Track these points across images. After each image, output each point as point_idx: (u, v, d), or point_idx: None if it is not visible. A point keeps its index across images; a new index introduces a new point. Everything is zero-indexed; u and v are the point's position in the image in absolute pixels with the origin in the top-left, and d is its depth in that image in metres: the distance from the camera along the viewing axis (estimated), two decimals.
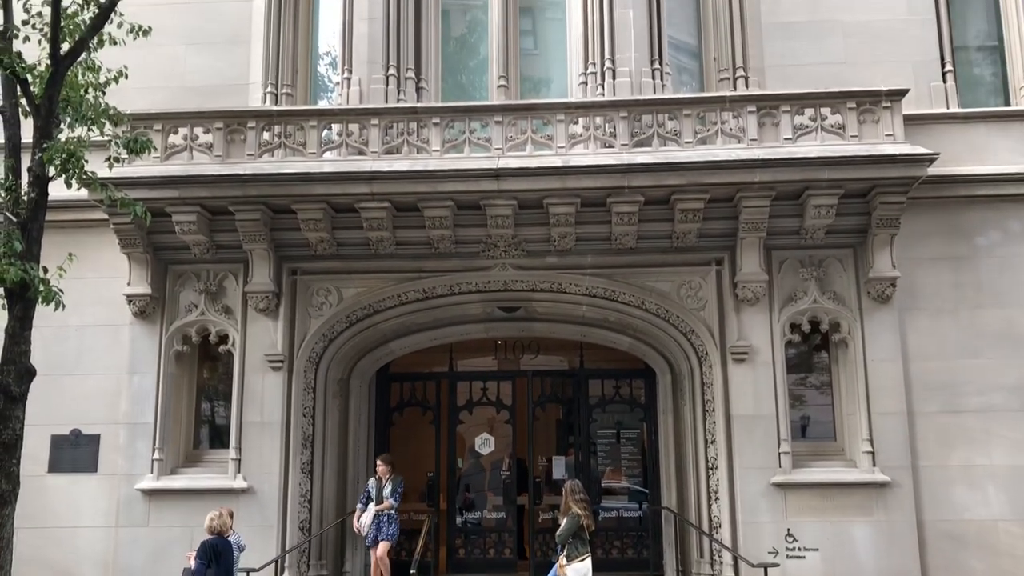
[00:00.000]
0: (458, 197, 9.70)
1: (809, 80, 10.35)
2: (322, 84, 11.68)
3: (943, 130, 10.31)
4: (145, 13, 9.07)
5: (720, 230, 10.04)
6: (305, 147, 9.84)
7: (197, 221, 9.81)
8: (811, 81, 10.29)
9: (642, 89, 10.41)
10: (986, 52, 11.41)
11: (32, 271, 6.96)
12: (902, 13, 10.91)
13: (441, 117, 9.93)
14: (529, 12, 11.84)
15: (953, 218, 10.24)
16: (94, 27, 7.74)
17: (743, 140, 9.72)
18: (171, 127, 9.92)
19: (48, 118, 7.52)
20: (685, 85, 11.25)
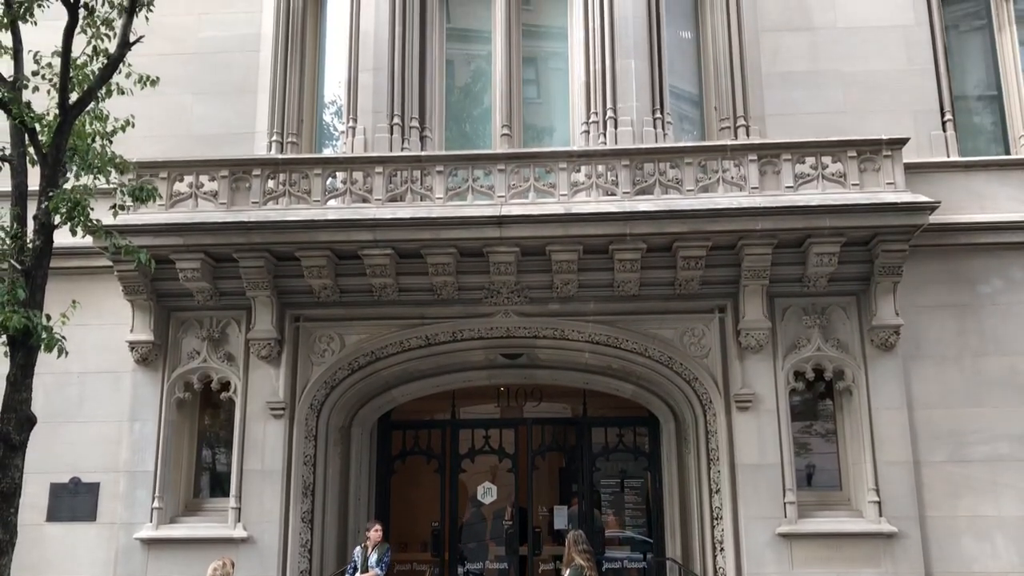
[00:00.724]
0: (461, 244, 9.74)
1: (810, 129, 10.45)
2: (327, 133, 11.81)
3: (944, 178, 10.37)
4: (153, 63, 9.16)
5: (723, 277, 10.04)
6: (310, 195, 9.91)
7: (201, 268, 9.85)
8: (812, 130, 10.39)
9: (644, 138, 10.50)
10: (985, 101, 11.51)
11: (35, 318, 6.96)
12: (901, 63, 11.03)
13: (444, 165, 10.00)
14: (532, 62, 12.00)
15: (955, 266, 10.25)
16: (103, 78, 7.83)
17: (745, 188, 9.77)
18: (177, 175, 10.01)
19: (55, 167, 7.58)
20: (687, 133, 11.35)
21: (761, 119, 10.90)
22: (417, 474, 12.41)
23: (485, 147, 11.19)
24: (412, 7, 11.26)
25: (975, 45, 11.71)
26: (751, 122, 10.86)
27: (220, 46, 11.38)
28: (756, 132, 10.78)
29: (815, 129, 10.39)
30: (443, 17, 11.88)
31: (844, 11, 11.19)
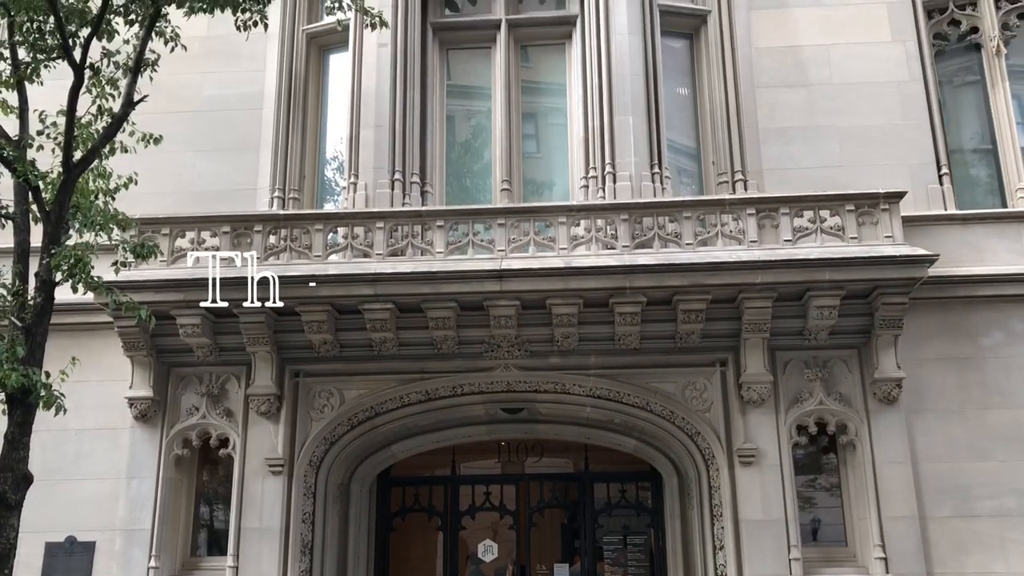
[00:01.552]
0: (461, 298, 9.75)
1: (807, 182, 10.52)
2: (329, 188, 11.91)
3: (942, 231, 10.42)
4: (157, 121, 9.32)
5: (723, 331, 10.03)
6: (311, 250, 9.95)
7: (201, 324, 9.85)
8: (809, 183, 10.46)
9: (642, 192, 10.57)
10: (981, 154, 11.62)
11: (34, 376, 6.94)
12: (896, 118, 11.14)
13: (445, 220, 10.06)
14: (532, 117, 12.15)
15: (956, 318, 10.23)
16: (106, 136, 7.94)
17: (743, 242, 9.81)
18: (179, 231, 10.06)
19: (58, 224, 7.63)
20: (685, 186, 11.43)
21: (759, 173, 10.98)
22: (417, 531, 12.26)
23: (485, 201, 11.27)
24: (413, 65, 11.43)
25: (969, 99, 11.86)
26: (749, 176, 10.95)
27: (223, 104, 11.53)
28: (754, 186, 10.86)
29: (813, 183, 10.46)
30: (444, 74, 12.06)
31: (839, 68, 11.34)
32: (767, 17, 11.61)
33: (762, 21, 11.60)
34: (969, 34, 11.86)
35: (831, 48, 11.41)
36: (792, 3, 11.65)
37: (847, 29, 11.46)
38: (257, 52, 11.32)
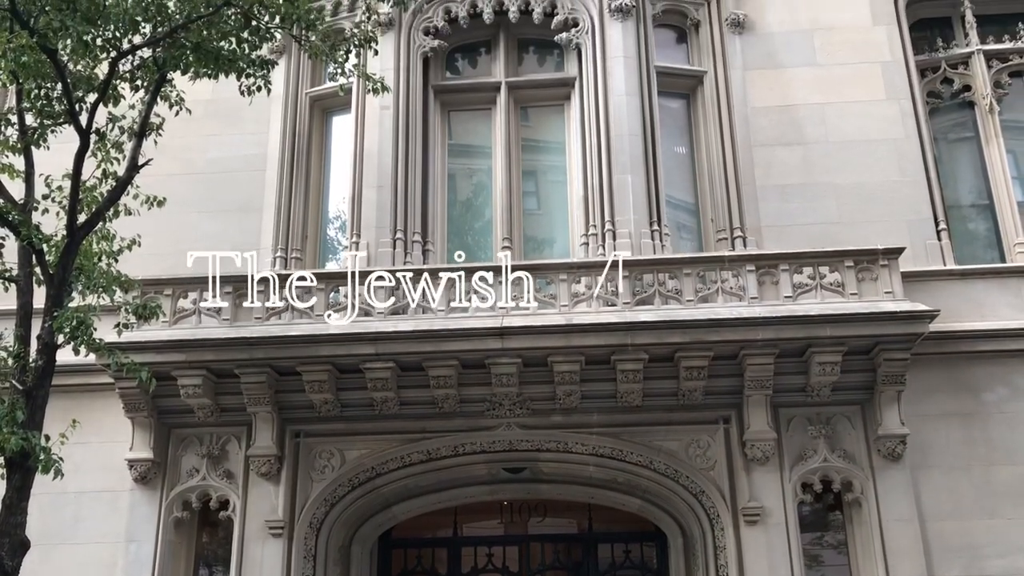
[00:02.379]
0: (463, 356, 9.74)
1: (806, 239, 10.59)
2: (331, 247, 11.99)
3: (942, 287, 10.43)
4: (160, 183, 9.46)
5: (726, 387, 9.99)
6: (312, 310, 9.97)
7: (203, 385, 9.83)
8: (808, 240, 10.52)
9: (642, 249, 10.63)
10: (978, 209, 11.71)
11: (34, 439, 6.92)
12: (893, 174, 11.24)
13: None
14: (532, 175, 12.28)
15: (959, 374, 10.19)
16: (111, 200, 8.04)
17: (744, 298, 9.83)
18: (181, 292, 10.10)
19: (61, 287, 7.68)
20: (685, 241, 11.51)
21: (757, 230, 11.05)
22: None
23: (487, 259, 11.32)
24: (415, 125, 11.60)
25: (965, 155, 12.00)
26: (748, 233, 11.02)
27: (226, 166, 11.65)
28: (753, 243, 10.93)
29: (811, 239, 10.52)
30: (445, 134, 12.23)
31: (835, 126, 11.48)
32: (762, 77, 11.80)
33: (757, 81, 11.79)
34: (962, 92, 12.04)
35: (826, 107, 11.56)
36: (786, 63, 11.84)
37: (842, 88, 11.63)
38: (261, 115, 11.45)
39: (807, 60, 11.86)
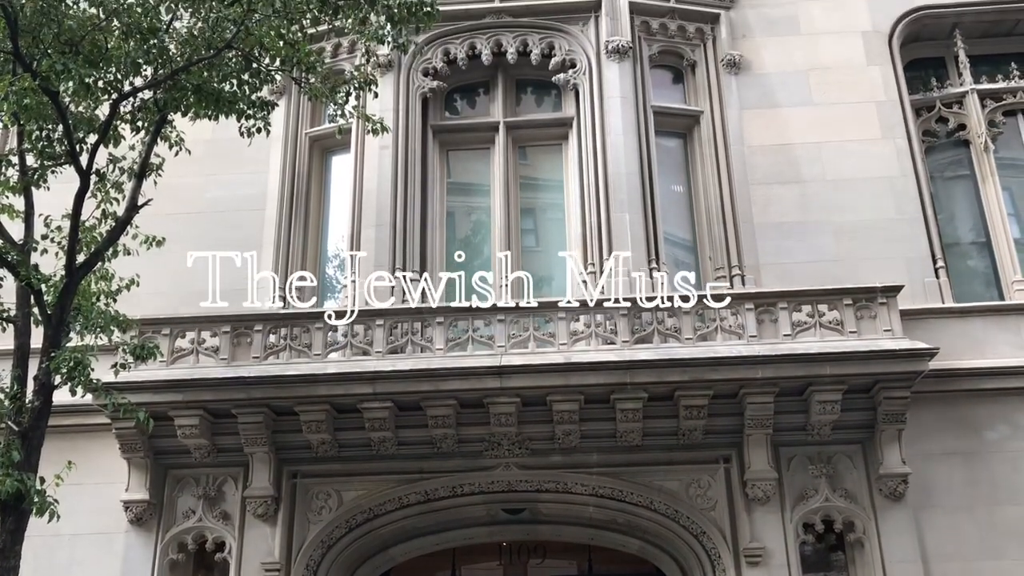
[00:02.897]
0: (461, 395, 9.70)
1: (804, 277, 10.59)
2: (330, 286, 11.98)
3: (941, 324, 10.42)
4: (160, 222, 9.46)
5: (726, 426, 9.94)
6: (310, 349, 9.95)
7: (200, 425, 9.77)
8: (806, 278, 10.53)
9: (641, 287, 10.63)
10: (976, 247, 11.74)
11: (29, 481, 6.87)
12: (890, 212, 11.27)
13: (445, 316, 10.08)
14: (531, 212, 12.32)
15: (960, 412, 10.15)
16: (110, 240, 8.05)
17: (743, 337, 9.82)
18: (179, 331, 10.08)
19: (59, 327, 7.67)
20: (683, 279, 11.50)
21: (756, 268, 11.07)
22: None
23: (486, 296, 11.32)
24: (414, 164, 11.67)
25: (961, 193, 12.06)
26: (746, 271, 11.03)
27: (226, 205, 11.67)
28: (751, 281, 10.93)
29: (809, 277, 10.52)
30: (444, 173, 12.30)
31: (831, 164, 11.53)
32: (758, 116, 11.89)
33: (754, 120, 11.87)
34: (957, 131, 12.14)
35: (823, 145, 11.63)
36: (782, 103, 11.94)
37: (838, 127, 11.71)
38: (260, 154, 11.49)
39: (803, 100, 11.96)
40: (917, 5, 12.39)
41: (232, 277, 11.19)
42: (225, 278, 10.94)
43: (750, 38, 12.35)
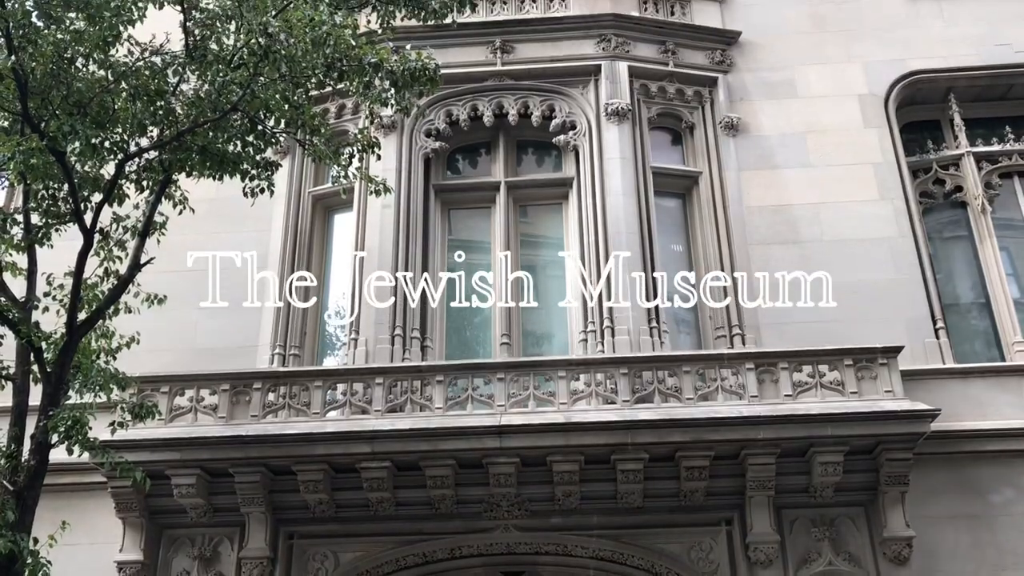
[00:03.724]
0: (460, 455, 9.63)
1: (803, 336, 10.57)
2: (330, 343, 11.98)
3: (942, 385, 10.38)
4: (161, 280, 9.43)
5: (728, 488, 9.85)
6: (309, 407, 9.91)
7: (196, 484, 9.68)
8: (806, 338, 10.51)
9: (641, 346, 10.64)
10: (976, 308, 11.74)
11: (22, 542, 6.78)
12: (889, 272, 11.31)
13: (444, 375, 10.07)
14: (531, 270, 12.35)
15: (963, 474, 10.05)
16: (111, 298, 8.08)
17: (744, 397, 9.80)
18: (178, 389, 10.05)
19: (58, 385, 7.66)
20: (684, 335, 11.52)
21: (755, 328, 11.06)
22: None
23: (485, 355, 11.34)
24: (415, 223, 11.76)
25: (959, 254, 12.11)
26: (746, 331, 11.03)
27: (228, 263, 11.68)
28: (752, 340, 10.92)
29: (810, 338, 10.50)
30: (445, 229, 12.39)
31: (829, 225, 11.60)
32: (756, 177, 12.00)
33: (752, 181, 11.98)
34: (954, 192, 12.24)
35: (821, 206, 11.71)
36: (780, 164, 12.07)
37: (835, 188, 11.80)
38: (263, 212, 11.51)
39: (801, 161, 12.08)
40: (912, 70, 12.60)
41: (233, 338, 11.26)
42: (224, 337, 11.03)
43: (748, 101, 12.54)
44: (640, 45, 12.62)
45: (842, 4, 13.29)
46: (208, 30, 7.78)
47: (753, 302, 11.20)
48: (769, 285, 11.28)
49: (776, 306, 11.16)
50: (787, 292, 11.23)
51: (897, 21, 13.07)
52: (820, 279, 11.25)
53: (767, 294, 11.24)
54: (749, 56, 12.88)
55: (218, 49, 7.75)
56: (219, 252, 11.67)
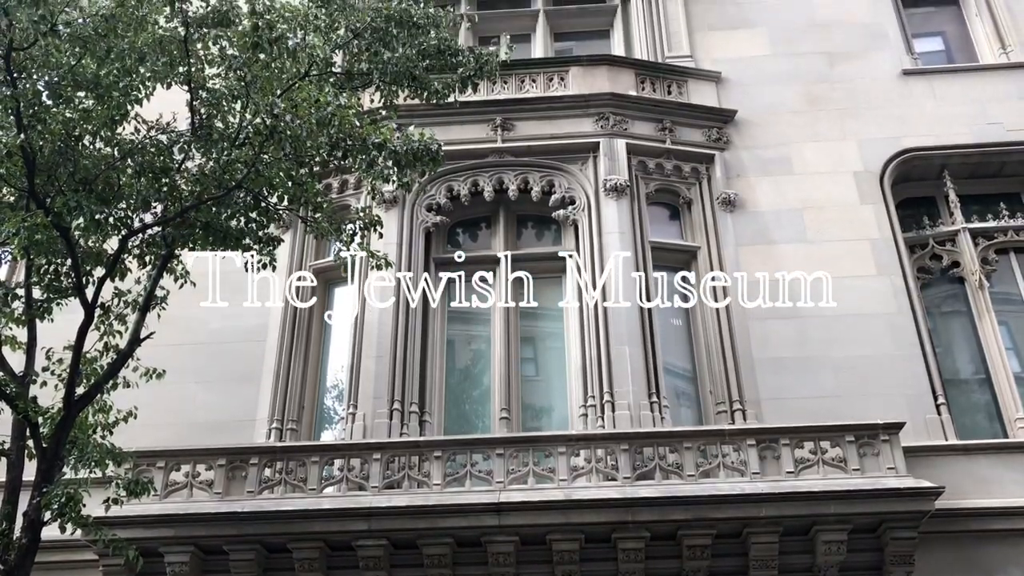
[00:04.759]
0: (458, 533, 9.49)
1: (805, 413, 10.52)
2: (328, 416, 11.89)
3: (945, 462, 10.28)
4: (161, 353, 9.46)
5: (731, 567, 9.67)
6: (306, 483, 9.80)
7: (190, 562, 9.50)
8: (807, 414, 10.46)
9: (642, 422, 10.56)
10: (976, 383, 11.70)
11: None
12: (887, 348, 11.30)
13: (443, 450, 9.99)
14: (531, 341, 12.36)
15: (970, 554, 9.86)
16: (110, 373, 8.07)
17: (746, 473, 9.70)
18: (174, 464, 9.95)
19: (53, 461, 7.60)
20: (684, 409, 11.46)
21: (756, 403, 11.01)
22: None
23: (484, 428, 11.26)
24: (416, 295, 11.78)
25: (958, 328, 12.11)
26: (747, 406, 10.97)
27: (228, 336, 11.70)
28: (753, 416, 10.86)
29: (810, 413, 10.46)
30: (445, 301, 12.39)
31: (828, 301, 11.58)
32: (754, 252, 12.07)
33: (750, 255, 12.05)
34: (951, 268, 12.30)
35: (819, 282, 11.71)
36: (778, 240, 12.16)
37: (833, 264, 11.85)
38: (264, 285, 11.57)
39: (798, 237, 12.18)
40: (906, 147, 12.80)
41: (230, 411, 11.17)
42: (221, 411, 10.92)
43: (745, 177, 12.71)
44: (638, 123, 12.84)
45: (835, 83, 13.59)
46: (214, 108, 7.93)
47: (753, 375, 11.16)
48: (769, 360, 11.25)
49: (777, 380, 11.13)
50: (786, 367, 11.21)
51: (890, 100, 13.34)
52: (819, 354, 11.25)
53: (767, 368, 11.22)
54: (745, 133, 13.11)
55: (223, 127, 7.89)
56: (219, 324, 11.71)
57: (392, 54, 8.18)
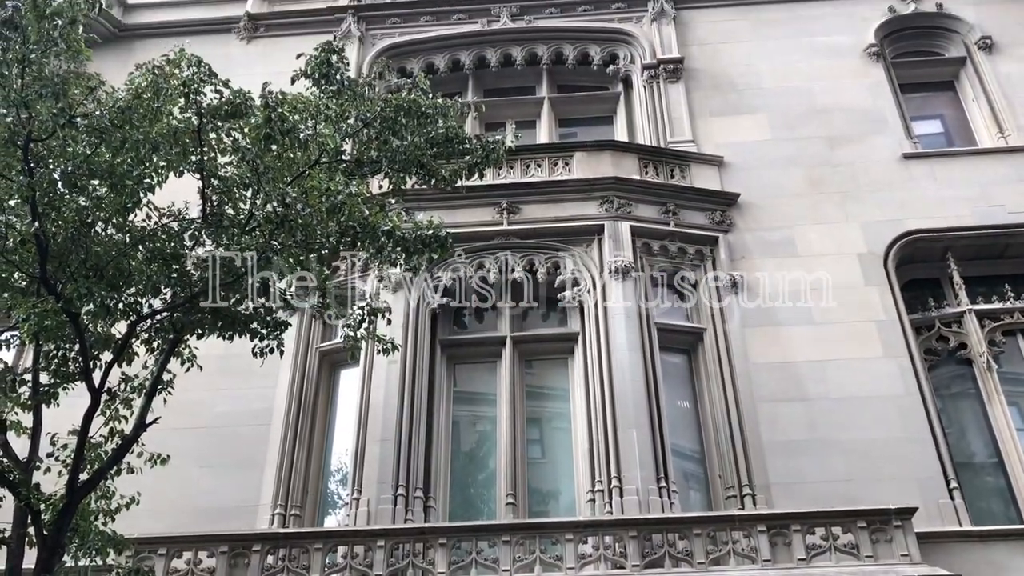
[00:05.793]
0: None
1: (815, 497, 10.35)
2: (331, 500, 11.74)
3: (961, 549, 10.06)
4: (166, 437, 9.37)
5: None
6: (309, 571, 9.62)
7: None
8: (817, 499, 10.29)
9: (650, 507, 10.38)
10: (989, 467, 11.53)
11: None
12: (897, 431, 11.17)
13: (448, 537, 9.83)
14: (537, 423, 12.27)
15: None
16: (114, 459, 8.01)
17: (757, 561, 9.51)
18: (175, 551, 9.79)
19: (54, 549, 7.50)
20: (693, 491, 11.29)
21: (766, 487, 10.84)
22: None
23: (490, 513, 11.08)
24: (421, 378, 11.75)
25: (968, 410, 12.00)
26: (756, 491, 10.80)
27: (233, 420, 11.64)
28: (762, 501, 10.68)
29: (820, 498, 10.29)
30: (450, 383, 12.37)
31: (835, 383, 11.55)
32: (761, 334, 12.06)
33: (756, 337, 12.03)
34: (958, 349, 12.26)
35: (826, 364, 11.70)
36: (784, 322, 12.16)
37: (840, 346, 11.83)
38: (270, 369, 11.45)
39: (804, 319, 12.16)
40: (909, 229, 12.89)
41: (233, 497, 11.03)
42: (224, 496, 10.78)
43: (749, 259, 12.78)
44: (641, 206, 13.00)
45: (837, 167, 13.78)
46: (225, 196, 8.06)
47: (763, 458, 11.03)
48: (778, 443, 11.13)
49: (786, 463, 10.98)
50: (796, 450, 11.08)
51: (891, 182, 13.52)
52: (828, 437, 11.13)
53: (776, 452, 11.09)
54: (749, 216, 13.25)
55: (234, 214, 8.00)
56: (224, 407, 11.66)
57: (401, 142, 8.33)
